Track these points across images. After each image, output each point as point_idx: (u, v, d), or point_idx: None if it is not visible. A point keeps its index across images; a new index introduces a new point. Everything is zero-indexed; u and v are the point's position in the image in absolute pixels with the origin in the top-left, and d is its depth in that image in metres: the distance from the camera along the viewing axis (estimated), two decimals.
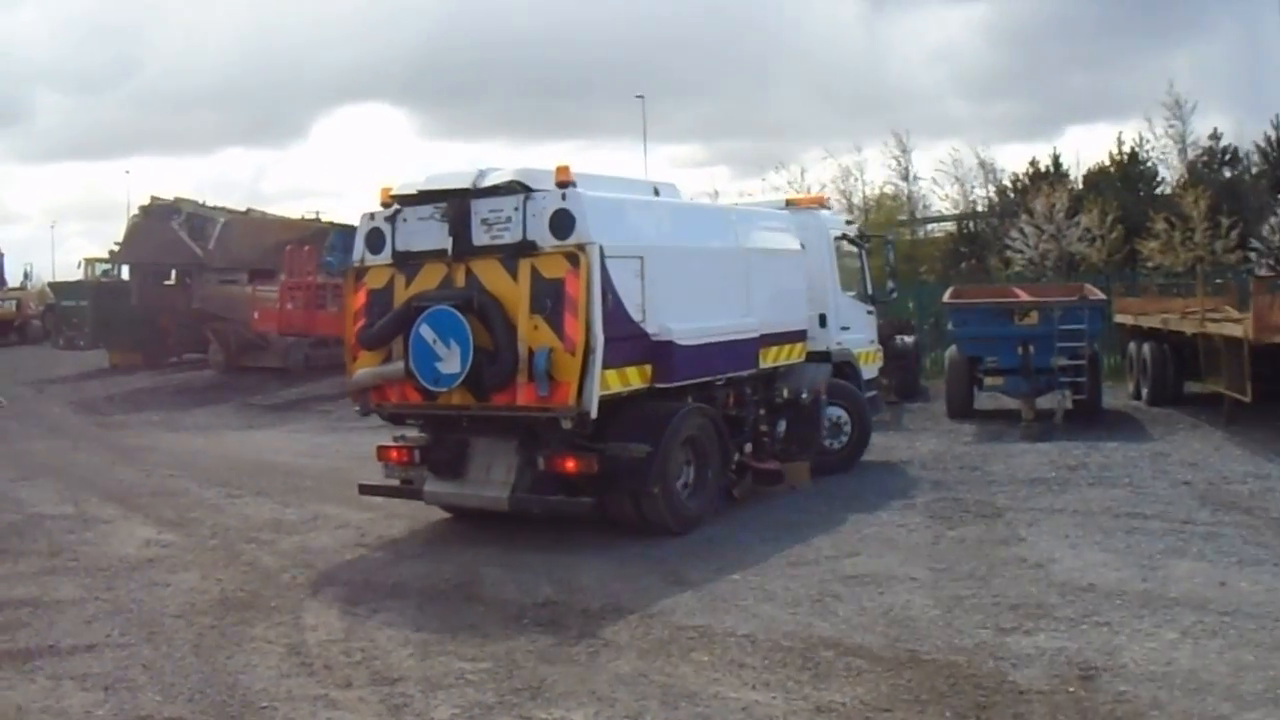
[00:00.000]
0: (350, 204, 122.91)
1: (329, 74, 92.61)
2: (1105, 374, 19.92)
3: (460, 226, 10.63)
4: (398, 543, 11.07)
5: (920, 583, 8.79)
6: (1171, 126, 38.82)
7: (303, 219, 34.97)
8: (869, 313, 16.11)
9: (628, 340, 10.51)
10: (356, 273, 11.46)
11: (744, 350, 12.13)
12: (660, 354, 10.84)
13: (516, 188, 10.49)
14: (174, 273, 33.15)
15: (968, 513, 11.34)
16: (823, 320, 14.42)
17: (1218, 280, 26.05)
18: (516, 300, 10.30)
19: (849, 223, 16.97)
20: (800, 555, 9.84)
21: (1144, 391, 20.23)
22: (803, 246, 13.94)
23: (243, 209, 34.30)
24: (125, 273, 34.42)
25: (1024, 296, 19.31)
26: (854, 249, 16.10)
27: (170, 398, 27.92)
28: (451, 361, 10.32)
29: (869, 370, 15.61)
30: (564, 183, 10.33)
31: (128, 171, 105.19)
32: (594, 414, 10.04)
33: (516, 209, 10.39)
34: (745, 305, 12.33)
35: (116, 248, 33.77)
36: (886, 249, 18.86)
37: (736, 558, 9.81)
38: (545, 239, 10.26)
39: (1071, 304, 17.89)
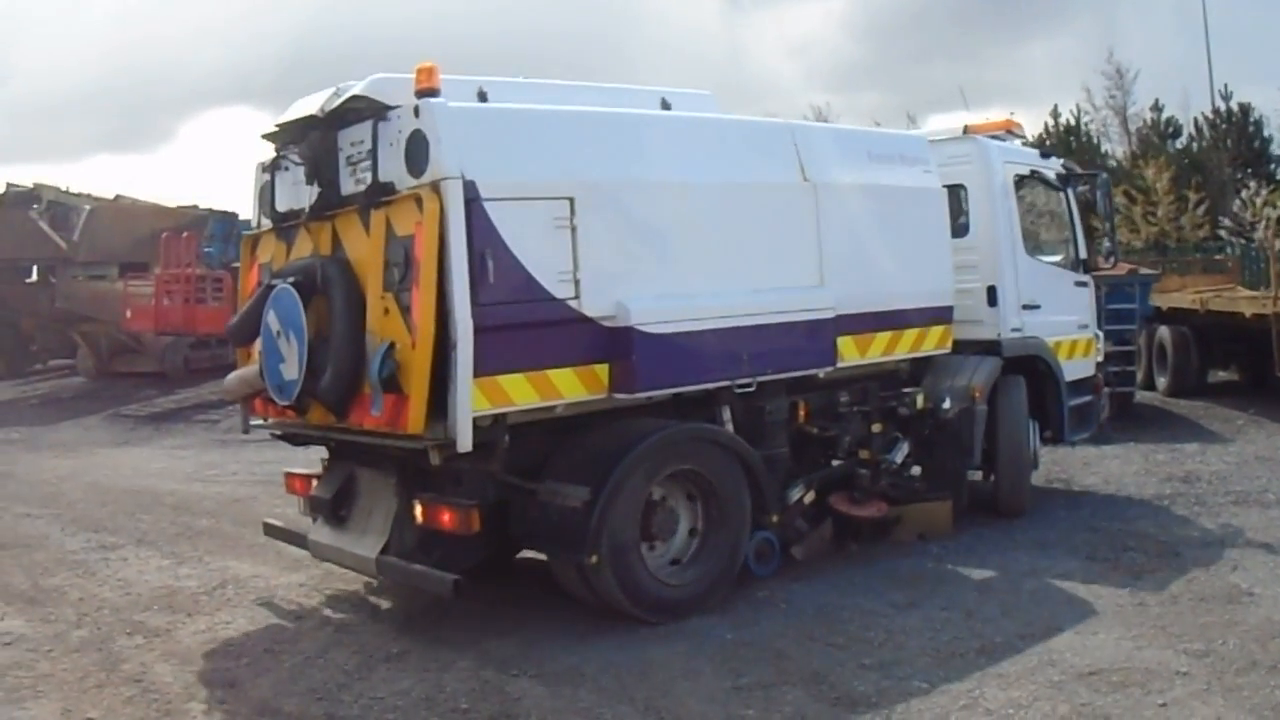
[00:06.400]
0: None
1: (193, 79, 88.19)
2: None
3: (324, 170, 7.42)
4: (356, 630, 7.50)
5: (1197, 681, 5.77)
6: (1112, 98, 37.20)
7: (179, 206, 31.50)
8: (1078, 284, 11.05)
9: (542, 328, 7.02)
10: (251, 242, 8.55)
11: (806, 338, 8.19)
12: (618, 348, 7.23)
13: (368, 107, 7.08)
14: (35, 269, 29.57)
15: (1132, 551, 8.45)
16: (992, 296, 10.03)
17: (1216, 256, 24.25)
18: (369, 270, 7.06)
19: (1044, 155, 11.52)
20: (981, 636, 6.65)
21: (1160, 381, 17.86)
22: (962, 188, 10.02)
23: (111, 196, 30.96)
24: None
25: None
26: (1055, 194, 11.15)
27: (33, 411, 24.66)
28: (291, 362, 7.30)
29: (1076, 367, 10.74)
30: (426, 91, 6.78)
31: None
32: (465, 445, 6.60)
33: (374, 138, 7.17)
34: (812, 269, 8.35)
35: None
36: (1098, 194, 12.31)
37: (884, 642, 6.68)
38: (403, 177, 6.91)
39: (1121, 279, 15.38)
